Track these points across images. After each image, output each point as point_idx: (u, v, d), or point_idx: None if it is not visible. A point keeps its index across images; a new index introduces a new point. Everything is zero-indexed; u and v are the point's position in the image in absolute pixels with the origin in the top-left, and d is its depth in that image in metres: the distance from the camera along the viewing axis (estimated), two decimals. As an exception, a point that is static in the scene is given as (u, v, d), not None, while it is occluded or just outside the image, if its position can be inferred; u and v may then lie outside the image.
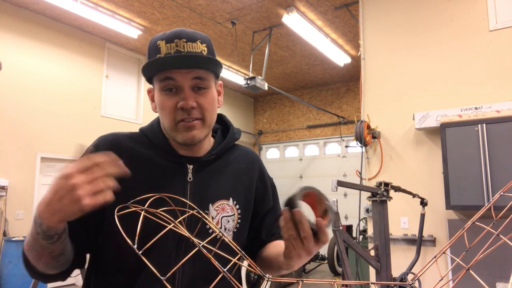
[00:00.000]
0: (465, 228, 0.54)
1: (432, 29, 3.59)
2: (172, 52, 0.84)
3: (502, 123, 2.94)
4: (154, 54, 0.86)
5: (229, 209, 0.94)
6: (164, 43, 0.85)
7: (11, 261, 4.43)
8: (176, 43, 0.85)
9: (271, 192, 1.08)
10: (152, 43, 0.88)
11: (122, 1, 5.15)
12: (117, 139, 0.92)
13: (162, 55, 0.85)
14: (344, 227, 4.21)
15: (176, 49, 0.84)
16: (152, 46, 0.87)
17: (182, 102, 0.85)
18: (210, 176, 0.95)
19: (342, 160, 8.49)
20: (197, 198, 0.90)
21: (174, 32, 0.86)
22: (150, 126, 0.98)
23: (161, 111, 0.89)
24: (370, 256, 2.37)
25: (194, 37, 0.87)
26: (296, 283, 0.56)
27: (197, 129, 0.89)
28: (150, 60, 0.86)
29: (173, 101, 0.86)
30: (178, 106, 0.85)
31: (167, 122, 0.88)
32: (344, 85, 8.70)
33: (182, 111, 0.86)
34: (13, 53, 5.24)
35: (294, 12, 5.23)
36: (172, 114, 0.87)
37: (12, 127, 5.17)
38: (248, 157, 1.05)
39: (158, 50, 0.85)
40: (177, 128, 0.88)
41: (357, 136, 3.59)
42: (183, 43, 0.85)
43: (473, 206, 2.96)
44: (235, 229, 0.95)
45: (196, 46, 0.86)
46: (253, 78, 5.40)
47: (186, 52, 0.85)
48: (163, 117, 0.90)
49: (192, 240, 0.53)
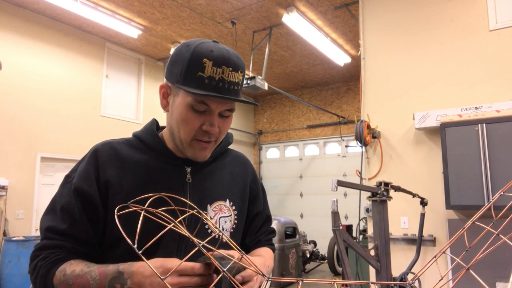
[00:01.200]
0: (465, 228, 0.54)
1: (432, 29, 3.59)
2: (216, 78, 0.82)
3: (502, 123, 2.94)
4: (195, 68, 0.83)
5: (226, 210, 0.98)
6: (211, 65, 0.82)
7: (11, 261, 4.42)
8: (223, 70, 0.83)
9: (262, 195, 1.13)
10: (196, 55, 0.83)
11: (122, 0, 5.14)
12: (113, 147, 0.93)
13: (205, 76, 0.82)
14: (344, 227, 4.21)
15: (221, 76, 0.83)
16: (196, 59, 0.83)
17: (209, 127, 0.87)
18: (207, 177, 0.98)
19: (342, 160, 8.50)
20: (196, 198, 0.93)
21: (223, 57, 0.83)
22: (145, 130, 0.99)
23: (183, 124, 0.88)
24: (370, 256, 2.37)
25: (238, 65, 0.86)
26: (296, 283, 0.56)
27: (209, 150, 0.93)
28: (195, 76, 0.83)
29: (199, 121, 0.87)
30: (204, 128, 0.87)
31: (185, 136, 0.89)
32: (344, 85, 8.70)
33: (203, 132, 0.88)
34: (13, 53, 5.24)
35: (294, 12, 5.23)
36: (193, 132, 0.88)
37: (12, 127, 5.17)
38: (241, 161, 1.10)
39: (202, 68, 0.82)
40: (191, 144, 0.90)
41: (357, 136, 3.59)
42: (228, 71, 0.83)
43: (473, 206, 2.96)
44: (232, 230, 0.99)
45: (237, 76, 0.86)
46: (253, 78, 5.40)
47: (228, 81, 0.84)
48: (181, 129, 0.89)
49: (192, 240, 0.54)
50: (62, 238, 0.85)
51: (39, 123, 5.47)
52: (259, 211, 1.11)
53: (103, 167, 0.89)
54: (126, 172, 0.90)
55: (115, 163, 0.91)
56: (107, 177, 0.88)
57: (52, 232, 0.85)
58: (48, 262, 0.83)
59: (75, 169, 0.92)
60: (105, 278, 0.75)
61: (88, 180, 0.87)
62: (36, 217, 5.34)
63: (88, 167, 0.89)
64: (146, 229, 0.60)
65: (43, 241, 0.86)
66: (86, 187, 0.87)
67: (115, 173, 0.89)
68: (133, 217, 0.61)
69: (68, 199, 0.87)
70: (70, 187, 0.88)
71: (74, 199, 0.86)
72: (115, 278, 0.74)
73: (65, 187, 0.90)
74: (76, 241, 0.86)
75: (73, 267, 0.80)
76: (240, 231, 1.03)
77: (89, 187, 0.87)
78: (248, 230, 1.08)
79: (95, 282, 0.76)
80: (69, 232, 0.85)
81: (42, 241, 0.86)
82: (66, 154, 5.77)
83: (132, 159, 0.92)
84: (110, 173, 0.89)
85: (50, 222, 0.86)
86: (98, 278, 0.76)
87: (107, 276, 0.76)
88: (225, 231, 0.96)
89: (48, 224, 0.86)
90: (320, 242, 7.63)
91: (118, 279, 0.74)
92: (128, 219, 0.64)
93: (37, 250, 0.85)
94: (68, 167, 5.82)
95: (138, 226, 0.50)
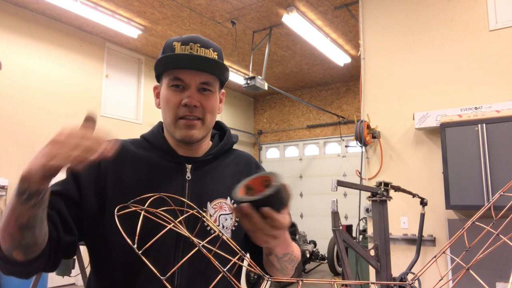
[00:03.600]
0: (465, 228, 0.54)
1: (432, 29, 3.59)
2: (186, 53, 0.90)
3: (502, 123, 2.94)
4: (167, 52, 0.92)
5: (226, 207, 0.98)
6: (180, 44, 0.90)
7: (11, 260, 4.43)
8: (191, 46, 0.90)
9: None
10: (168, 43, 0.93)
11: (122, 0, 5.14)
12: (120, 143, 0.94)
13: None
14: (344, 227, 4.21)
15: (189, 52, 0.90)
16: (168, 45, 0.93)
17: (186, 100, 0.89)
18: (208, 175, 0.98)
19: (342, 160, 8.49)
20: (195, 196, 0.93)
21: (190, 37, 0.92)
22: (151, 131, 1.03)
23: (165, 105, 0.92)
24: (370, 256, 2.37)
25: (208, 44, 0.92)
26: (296, 282, 0.56)
27: (196, 129, 0.92)
28: (163, 55, 0.91)
29: (178, 97, 0.90)
30: (182, 102, 0.90)
31: (169, 116, 0.92)
32: (344, 85, 8.70)
33: (185, 108, 0.90)
34: (13, 53, 5.24)
35: (294, 12, 5.23)
36: (175, 110, 0.91)
37: (12, 127, 5.17)
38: (245, 159, 1.10)
39: (172, 50, 0.91)
40: (177, 124, 0.92)
41: (357, 136, 3.59)
42: (197, 47, 0.90)
43: (473, 206, 2.96)
44: (233, 227, 0.98)
45: (208, 53, 0.91)
46: (253, 77, 5.40)
47: (198, 56, 0.90)
48: (166, 111, 0.93)
49: (192, 239, 0.53)
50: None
51: (39, 123, 5.47)
52: None
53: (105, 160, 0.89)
54: (128, 167, 0.91)
55: (118, 157, 0.90)
56: (108, 169, 0.89)
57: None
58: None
59: None
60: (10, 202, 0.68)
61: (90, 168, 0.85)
62: (36, 217, 5.33)
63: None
64: (144, 228, 0.60)
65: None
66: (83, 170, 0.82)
67: (116, 167, 0.90)
68: (131, 216, 0.61)
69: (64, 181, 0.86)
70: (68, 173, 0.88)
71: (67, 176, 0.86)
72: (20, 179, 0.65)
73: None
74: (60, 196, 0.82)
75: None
76: (242, 229, 1.02)
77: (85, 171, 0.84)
78: None
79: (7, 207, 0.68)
80: (56, 190, 0.82)
81: None
82: (66, 154, 5.76)
83: (134, 155, 0.94)
84: (111, 166, 0.90)
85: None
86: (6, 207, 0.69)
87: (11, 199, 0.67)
88: (225, 229, 0.96)
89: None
90: (320, 242, 7.62)
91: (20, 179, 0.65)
92: (126, 218, 0.64)
93: None
94: (68, 167, 5.82)
95: (138, 226, 0.51)
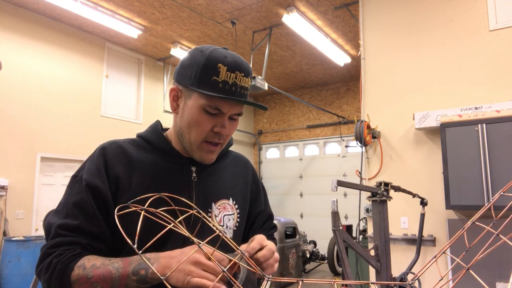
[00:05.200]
0: (465, 228, 0.54)
1: (432, 29, 3.59)
2: (230, 82, 0.87)
3: (502, 123, 2.94)
4: (210, 73, 0.86)
5: (229, 208, 1.01)
6: (226, 69, 0.86)
7: (11, 261, 4.42)
8: (236, 75, 0.88)
9: (262, 194, 1.17)
10: (211, 60, 0.87)
11: (122, 0, 5.14)
12: (120, 146, 0.94)
13: (219, 80, 0.86)
14: (344, 227, 4.21)
15: (234, 81, 0.87)
16: (211, 64, 0.86)
17: (220, 129, 0.91)
18: (211, 177, 1.01)
19: (342, 160, 8.49)
20: (202, 196, 0.96)
21: (236, 63, 0.88)
22: (150, 131, 1.01)
23: (194, 125, 0.91)
24: (370, 256, 2.37)
25: (249, 72, 0.92)
26: (296, 283, 0.56)
27: (216, 153, 0.96)
28: (209, 80, 0.86)
29: (211, 122, 0.90)
30: (215, 130, 0.91)
31: (195, 137, 0.92)
32: (344, 85, 8.70)
33: (214, 134, 0.92)
34: (13, 53, 5.24)
35: (294, 12, 5.23)
36: (205, 134, 0.91)
37: (12, 127, 5.17)
38: (241, 162, 1.13)
39: (217, 72, 0.86)
40: (201, 147, 0.93)
41: (357, 136, 3.59)
42: (241, 76, 0.89)
43: (473, 206, 2.96)
44: (235, 228, 1.02)
45: (247, 81, 0.91)
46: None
47: (240, 86, 0.89)
48: (192, 131, 0.92)
49: (192, 239, 0.54)
50: (76, 234, 0.82)
51: (39, 123, 5.47)
52: (261, 210, 1.14)
53: (112, 164, 0.89)
54: (134, 170, 0.91)
55: (123, 161, 0.91)
56: (116, 173, 0.89)
57: (65, 229, 0.83)
58: (65, 258, 0.79)
59: (82, 168, 0.91)
60: (129, 266, 0.75)
61: (100, 176, 0.87)
62: (36, 217, 5.34)
63: (98, 164, 0.89)
64: (147, 229, 0.60)
65: (56, 238, 0.82)
66: (99, 182, 0.86)
67: (123, 171, 0.90)
68: (133, 217, 0.61)
69: (80, 196, 0.86)
70: (81, 184, 0.87)
71: (87, 194, 0.85)
72: (139, 264, 0.74)
73: (74, 186, 0.88)
74: (91, 237, 0.84)
75: (93, 261, 0.79)
76: (242, 229, 1.06)
77: (101, 183, 0.86)
78: (251, 229, 1.11)
79: (118, 271, 0.75)
80: (83, 228, 0.83)
81: (55, 239, 0.82)
82: (66, 154, 5.77)
83: (139, 158, 0.93)
84: (119, 170, 0.89)
85: (61, 220, 0.84)
86: (121, 267, 0.75)
87: (132, 263, 0.75)
88: (228, 229, 0.99)
89: (60, 221, 0.84)
90: (320, 242, 7.63)
91: (142, 264, 0.74)
92: (128, 218, 0.64)
93: (49, 248, 0.81)
94: (68, 167, 5.82)
95: (138, 226, 0.51)
